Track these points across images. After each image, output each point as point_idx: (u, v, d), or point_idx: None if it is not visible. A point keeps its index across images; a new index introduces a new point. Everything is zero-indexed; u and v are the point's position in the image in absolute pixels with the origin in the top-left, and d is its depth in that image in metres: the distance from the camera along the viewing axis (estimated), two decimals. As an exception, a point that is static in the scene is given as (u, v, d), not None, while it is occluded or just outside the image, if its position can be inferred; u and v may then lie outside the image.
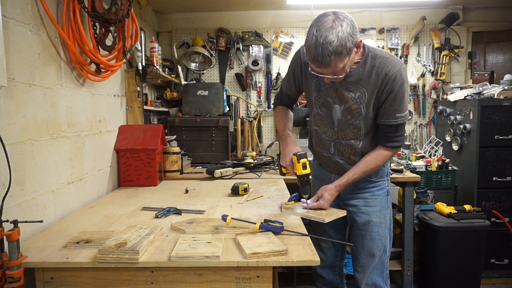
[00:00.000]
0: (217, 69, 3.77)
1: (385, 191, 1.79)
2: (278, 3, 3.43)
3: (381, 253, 1.77)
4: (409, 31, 3.69)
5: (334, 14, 1.42)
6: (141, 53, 2.60)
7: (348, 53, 1.43)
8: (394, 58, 1.59)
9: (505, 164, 2.95)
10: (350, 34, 1.40)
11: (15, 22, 1.44)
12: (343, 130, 1.70)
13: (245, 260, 1.20)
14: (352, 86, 1.60)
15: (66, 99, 1.82)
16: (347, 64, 1.47)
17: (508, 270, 3.00)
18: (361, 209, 1.78)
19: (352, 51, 1.45)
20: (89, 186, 2.06)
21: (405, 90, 1.57)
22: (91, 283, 1.24)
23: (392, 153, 1.69)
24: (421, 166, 3.02)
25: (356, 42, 1.45)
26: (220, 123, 3.21)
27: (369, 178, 1.76)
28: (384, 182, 1.80)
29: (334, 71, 1.48)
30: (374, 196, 1.77)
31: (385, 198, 1.79)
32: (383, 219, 1.77)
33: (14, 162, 1.41)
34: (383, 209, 1.77)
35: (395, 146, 1.67)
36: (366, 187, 1.77)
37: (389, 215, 1.81)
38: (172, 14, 3.73)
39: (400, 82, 1.54)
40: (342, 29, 1.38)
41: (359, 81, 1.58)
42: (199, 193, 2.18)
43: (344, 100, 1.63)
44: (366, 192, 1.77)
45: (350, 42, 1.41)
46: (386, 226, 1.78)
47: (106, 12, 1.83)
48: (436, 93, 3.72)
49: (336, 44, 1.38)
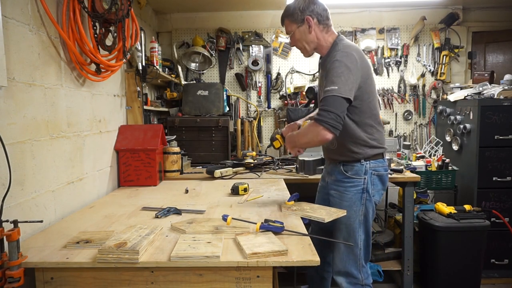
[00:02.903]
0: (217, 69, 3.77)
1: (359, 188, 1.83)
2: (278, 3, 3.43)
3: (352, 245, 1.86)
4: (409, 31, 3.69)
5: None
6: (141, 53, 2.60)
7: (295, 21, 1.80)
8: (346, 45, 1.76)
9: (505, 164, 2.94)
10: (300, 9, 1.78)
11: (15, 22, 1.44)
12: None
13: (245, 260, 1.20)
14: (322, 69, 1.87)
15: (66, 99, 1.82)
16: (296, 33, 1.82)
17: (508, 270, 3.00)
18: (335, 200, 1.90)
19: (300, 23, 1.79)
20: (89, 186, 2.06)
21: (335, 68, 1.66)
22: (91, 283, 1.24)
23: (317, 130, 1.62)
24: (421, 166, 3.02)
25: (305, 18, 1.77)
26: (220, 123, 3.21)
27: (344, 172, 1.85)
28: (360, 181, 1.83)
29: (288, 32, 1.86)
30: (346, 191, 1.85)
31: (358, 196, 1.83)
32: (353, 214, 1.83)
33: (14, 162, 1.41)
34: (353, 205, 1.83)
35: (319, 121, 1.61)
36: (342, 180, 1.87)
37: (363, 211, 1.84)
38: (172, 14, 3.73)
39: (331, 60, 1.70)
40: (296, 3, 1.80)
41: (324, 64, 1.81)
42: (199, 193, 2.18)
43: (321, 84, 1.86)
44: (342, 186, 1.87)
45: (298, 14, 1.78)
46: (357, 222, 1.84)
47: (106, 12, 1.83)
48: (436, 93, 3.72)
49: (285, 10, 1.83)
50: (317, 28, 1.79)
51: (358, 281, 1.87)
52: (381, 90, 3.75)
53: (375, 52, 3.71)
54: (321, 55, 1.87)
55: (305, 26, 1.78)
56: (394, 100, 3.75)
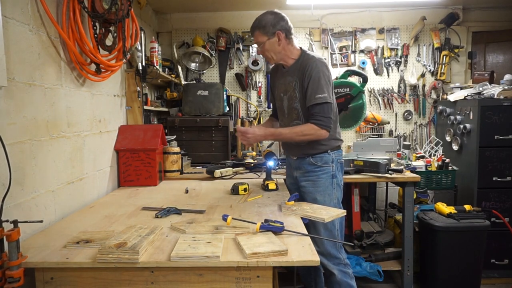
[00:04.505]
0: (217, 69, 3.77)
1: (329, 175, 2.10)
2: (278, 3, 3.43)
3: (330, 227, 2.05)
4: (409, 31, 3.69)
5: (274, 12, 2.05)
6: (141, 53, 2.60)
7: (266, 34, 2.02)
8: (318, 57, 2.06)
9: (505, 164, 2.94)
10: (271, 24, 2.00)
11: (15, 22, 1.44)
12: (290, 114, 2.14)
13: (245, 260, 1.20)
14: (290, 77, 2.09)
15: (66, 99, 1.82)
16: (266, 44, 2.03)
17: (508, 270, 3.00)
18: (309, 189, 2.12)
19: (270, 36, 2.01)
20: (89, 186, 2.06)
21: (321, 77, 1.97)
22: (91, 283, 1.24)
23: (318, 132, 1.97)
24: (421, 166, 3.02)
25: (276, 33, 2.01)
26: (220, 123, 3.21)
27: (314, 163, 2.10)
28: (329, 168, 2.10)
29: (257, 42, 2.08)
30: (319, 179, 2.10)
31: (329, 181, 2.10)
32: (328, 198, 2.08)
33: (14, 162, 1.41)
34: (326, 189, 2.09)
35: (319, 125, 1.96)
36: (313, 171, 2.11)
37: (336, 195, 2.11)
38: (172, 14, 3.73)
39: (316, 70, 1.97)
40: (267, 18, 2.02)
41: (294, 71, 2.07)
42: (199, 193, 2.18)
43: (287, 90, 2.11)
44: (313, 176, 2.11)
45: (269, 28, 2.00)
46: (332, 204, 2.05)
47: (106, 12, 1.83)
48: (436, 93, 3.72)
49: (256, 23, 2.05)
50: (284, 41, 2.04)
51: (340, 261, 2.08)
52: (381, 90, 3.75)
53: (375, 52, 3.71)
54: (285, 64, 2.13)
55: (275, 39, 2.03)
56: (394, 100, 3.75)
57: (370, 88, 3.72)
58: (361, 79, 3.11)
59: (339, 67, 3.69)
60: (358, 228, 2.91)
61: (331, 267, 2.05)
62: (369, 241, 2.94)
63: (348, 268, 2.10)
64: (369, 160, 2.65)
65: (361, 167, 2.66)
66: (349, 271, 2.10)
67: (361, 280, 2.83)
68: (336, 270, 2.06)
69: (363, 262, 2.82)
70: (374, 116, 3.65)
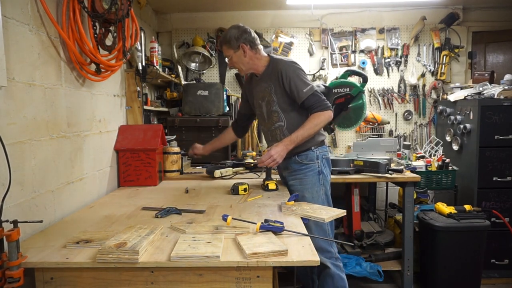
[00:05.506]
0: (217, 69, 3.77)
1: (316, 171, 2.17)
2: (278, 3, 3.43)
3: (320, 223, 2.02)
4: (409, 31, 3.69)
5: (238, 26, 2.15)
6: (141, 53, 2.60)
7: (232, 47, 2.13)
8: (285, 58, 2.20)
9: (505, 164, 2.94)
10: (235, 38, 2.11)
11: (15, 22, 1.44)
12: (270, 118, 2.23)
13: (245, 260, 1.20)
14: (264, 83, 2.19)
15: (66, 99, 1.82)
16: (233, 57, 2.15)
17: (508, 270, 3.00)
18: (297, 187, 2.18)
19: (236, 49, 2.12)
20: (89, 186, 2.06)
21: (298, 73, 2.08)
22: (91, 283, 1.24)
23: (325, 115, 2.06)
24: (421, 166, 3.02)
25: (240, 45, 2.11)
26: (220, 123, 3.21)
27: (300, 161, 2.18)
28: (315, 165, 2.17)
29: (226, 56, 2.19)
30: (306, 177, 2.17)
31: (316, 177, 2.16)
32: (315, 194, 2.15)
33: (14, 162, 1.41)
34: (314, 186, 2.15)
35: (321, 109, 2.06)
36: (299, 169, 2.18)
37: (323, 190, 2.16)
38: (172, 14, 3.73)
39: (290, 69, 2.09)
40: (231, 32, 2.13)
41: (267, 78, 2.17)
42: (199, 193, 2.18)
43: (264, 96, 2.20)
44: (300, 174, 2.18)
45: (234, 42, 2.11)
46: (320, 200, 2.12)
47: (106, 12, 1.83)
48: (436, 93, 3.72)
49: (222, 38, 2.18)
50: (250, 52, 2.14)
51: (332, 254, 2.13)
52: (381, 90, 3.75)
53: (375, 52, 3.71)
54: (257, 72, 2.22)
55: (240, 52, 2.13)
56: (394, 100, 3.75)
57: (370, 88, 3.72)
58: (361, 79, 3.11)
59: (339, 67, 3.70)
60: (358, 228, 2.91)
61: (324, 260, 2.10)
62: (369, 241, 2.94)
63: (339, 262, 2.16)
64: (369, 160, 2.65)
65: (361, 167, 2.66)
66: (340, 264, 2.16)
67: (361, 280, 2.83)
68: (329, 263, 2.11)
69: (363, 262, 2.82)
70: (374, 116, 3.65)
